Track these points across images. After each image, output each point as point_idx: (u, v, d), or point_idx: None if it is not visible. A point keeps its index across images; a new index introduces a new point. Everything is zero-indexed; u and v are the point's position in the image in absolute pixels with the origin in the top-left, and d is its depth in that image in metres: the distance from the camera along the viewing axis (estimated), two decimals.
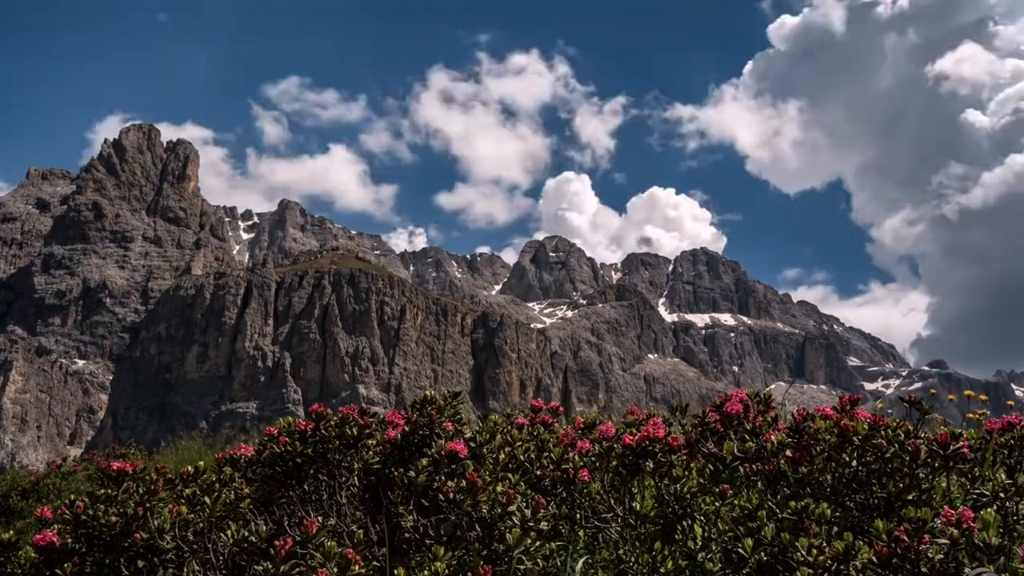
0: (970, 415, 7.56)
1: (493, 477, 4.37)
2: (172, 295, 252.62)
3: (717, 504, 4.32)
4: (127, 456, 18.27)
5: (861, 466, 4.22)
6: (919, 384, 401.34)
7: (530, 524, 4.11)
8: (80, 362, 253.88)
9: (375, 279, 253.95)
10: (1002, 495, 4.06)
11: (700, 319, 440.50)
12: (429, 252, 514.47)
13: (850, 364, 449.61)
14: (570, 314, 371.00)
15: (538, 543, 4.04)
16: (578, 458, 4.87)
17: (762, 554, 3.80)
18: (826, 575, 3.59)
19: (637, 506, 4.53)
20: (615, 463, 4.74)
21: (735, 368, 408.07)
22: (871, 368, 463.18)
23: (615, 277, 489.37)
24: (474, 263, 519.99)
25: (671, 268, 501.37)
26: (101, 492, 4.60)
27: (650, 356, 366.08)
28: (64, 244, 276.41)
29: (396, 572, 3.87)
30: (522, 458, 4.94)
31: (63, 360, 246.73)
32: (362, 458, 4.88)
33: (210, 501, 4.49)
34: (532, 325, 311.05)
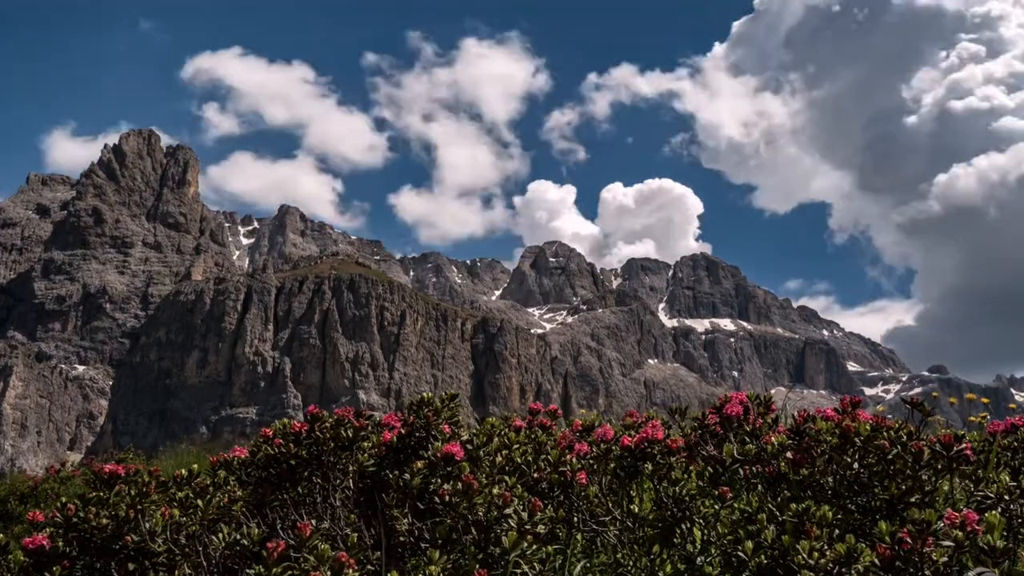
0: (972, 418, 7.51)
1: (489, 480, 4.31)
2: (172, 300, 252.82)
3: (717, 507, 4.26)
4: (126, 461, 18.21)
5: (863, 468, 4.17)
6: (919, 389, 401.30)
7: (527, 527, 4.05)
8: (80, 367, 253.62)
9: (375, 284, 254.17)
10: (1006, 497, 4.02)
11: (700, 324, 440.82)
12: (429, 257, 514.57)
13: (850, 369, 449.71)
14: (570, 319, 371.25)
15: (535, 546, 3.99)
16: (576, 460, 4.81)
17: (762, 557, 3.74)
18: None
19: (635, 509, 4.47)
20: (613, 465, 4.70)
21: (735, 373, 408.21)
22: (871, 373, 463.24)
23: (615, 282, 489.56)
24: (474, 268, 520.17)
25: (671, 273, 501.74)
26: (92, 495, 4.55)
27: (650, 361, 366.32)
28: (64, 249, 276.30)
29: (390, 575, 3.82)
30: (519, 461, 4.89)
31: (63, 365, 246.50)
32: (357, 460, 4.83)
33: (202, 504, 4.44)
34: (532, 330, 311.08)
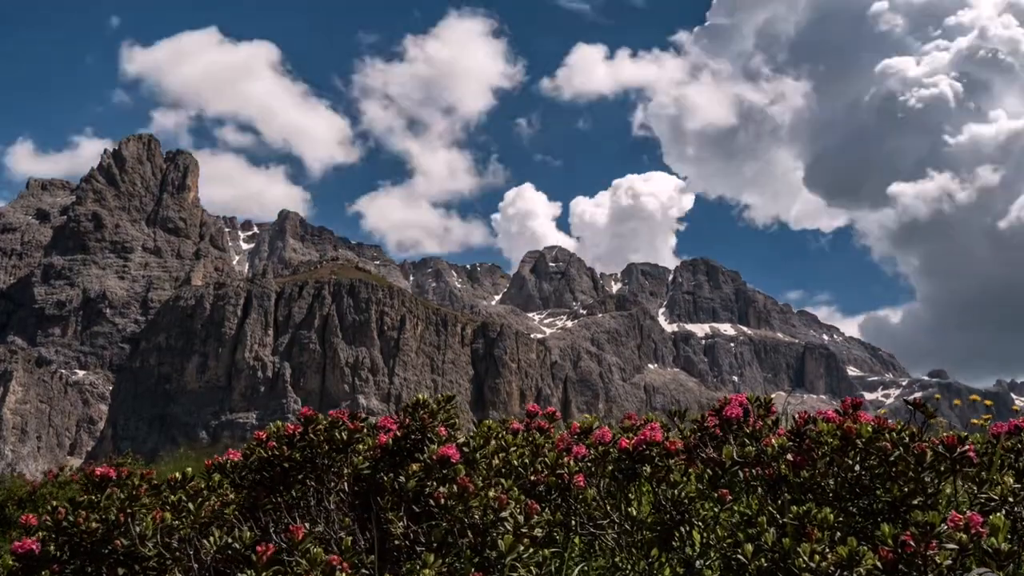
0: (974, 421, 7.46)
1: (485, 483, 4.26)
2: (172, 306, 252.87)
3: (716, 509, 4.20)
4: (124, 465, 18.18)
5: (864, 470, 4.11)
6: (919, 394, 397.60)
7: (523, 530, 3.99)
8: (80, 372, 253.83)
9: (375, 289, 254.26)
10: (1011, 500, 3.96)
11: (700, 329, 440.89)
12: (429, 262, 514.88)
13: (850, 374, 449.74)
14: (570, 324, 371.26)
15: (531, 550, 3.93)
16: (573, 463, 4.75)
17: (763, 560, 3.68)
18: None
19: (634, 512, 4.42)
20: (611, 468, 4.64)
21: (735, 378, 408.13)
22: (871, 378, 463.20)
23: (615, 287, 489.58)
24: (474, 273, 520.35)
25: (671, 278, 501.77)
26: (83, 498, 4.50)
27: (650, 366, 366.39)
28: (64, 255, 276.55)
29: None
30: (516, 463, 4.83)
31: (63, 371, 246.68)
32: (352, 463, 4.77)
33: (193, 507, 4.38)
34: (532, 335, 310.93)
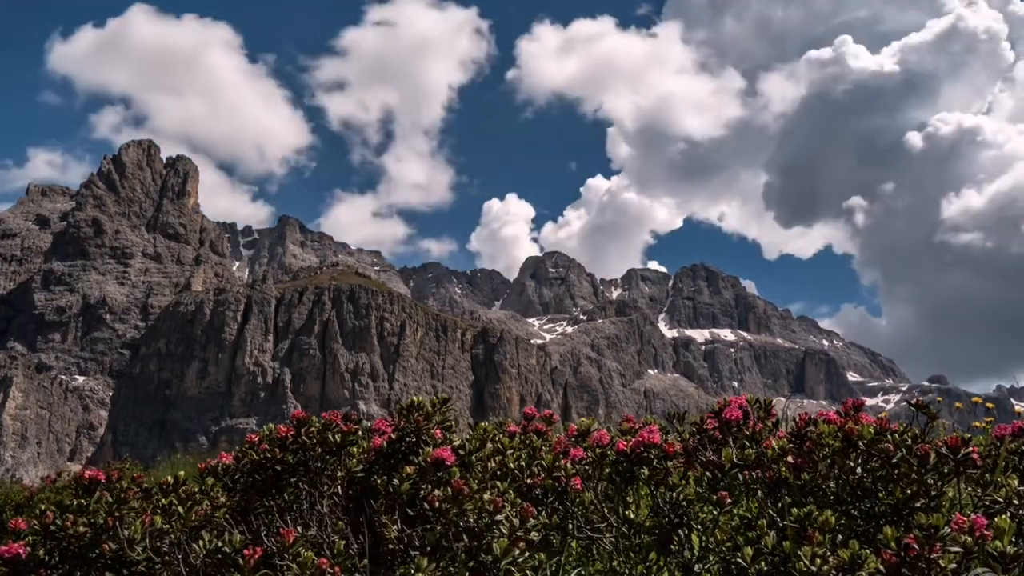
0: (976, 423, 7.39)
1: (481, 485, 4.18)
2: (172, 311, 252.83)
3: (715, 512, 4.13)
4: (122, 470, 18.07)
5: (866, 472, 4.04)
6: (920, 399, 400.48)
7: (519, 534, 3.92)
8: (80, 378, 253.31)
9: (375, 295, 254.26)
10: (1015, 502, 3.89)
11: (700, 334, 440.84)
12: (429, 268, 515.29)
13: (850, 379, 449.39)
14: (570, 330, 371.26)
15: (527, 554, 3.85)
16: (570, 466, 4.68)
17: (763, 564, 3.60)
18: None
19: (632, 515, 4.34)
20: (609, 470, 4.56)
21: (735, 383, 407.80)
22: (871, 383, 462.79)
23: (615, 293, 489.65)
24: (474, 279, 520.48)
25: (671, 283, 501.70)
26: (71, 502, 4.43)
27: (650, 371, 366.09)
28: (64, 260, 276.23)
29: None
30: (512, 466, 4.76)
31: (63, 376, 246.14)
32: (345, 466, 4.69)
33: (183, 511, 4.31)
34: (532, 341, 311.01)
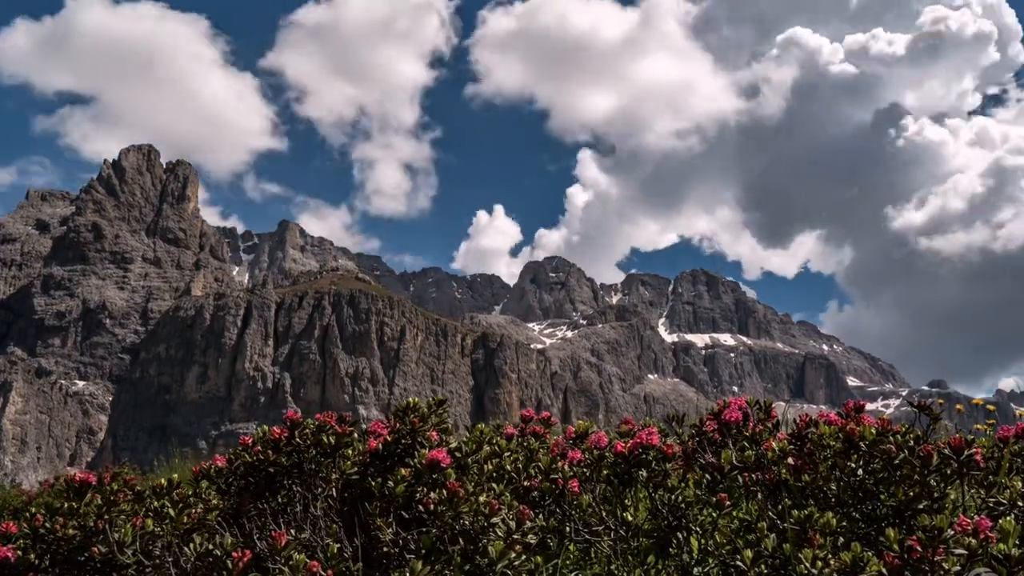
0: (978, 426, 7.35)
1: (477, 488, 4.12)
2: (172, 316, 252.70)
3: (714, 515, 4.07)
4: (114, 473, 17.97)
5: (868, 474, 3.97)
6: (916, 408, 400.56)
7: (515, 537, 3.85)
8: (80, 383, 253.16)
9: (375, 300, 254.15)
10: (1020, 504, 3.82)
11: (700, 339, 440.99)
12: (429, 273, 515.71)
13: (850, 384, 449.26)
14: (570, 334, 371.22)
15: (523, 557, 3.78)
16: (568, 468, 4.61)
17: (763, 567, 3.54)
18: None
19: (630, 517, 4.28)
20: (607, 472, 4.49)
21: (735, 388, 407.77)
22: (871, 388, 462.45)
23: (615, 297, 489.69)
24: (474, 284, 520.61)
25: (671, 288, 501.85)
26: (62, 505, 4.36)
27: (650, 376, 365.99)
28: (64, 265, 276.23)
29: None
30: (509, 468, 4.69)
31: (63, 381, 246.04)
32: (340, 468, 4.63)
33: (174, 513, 4.24)
34: (532, 345, 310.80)
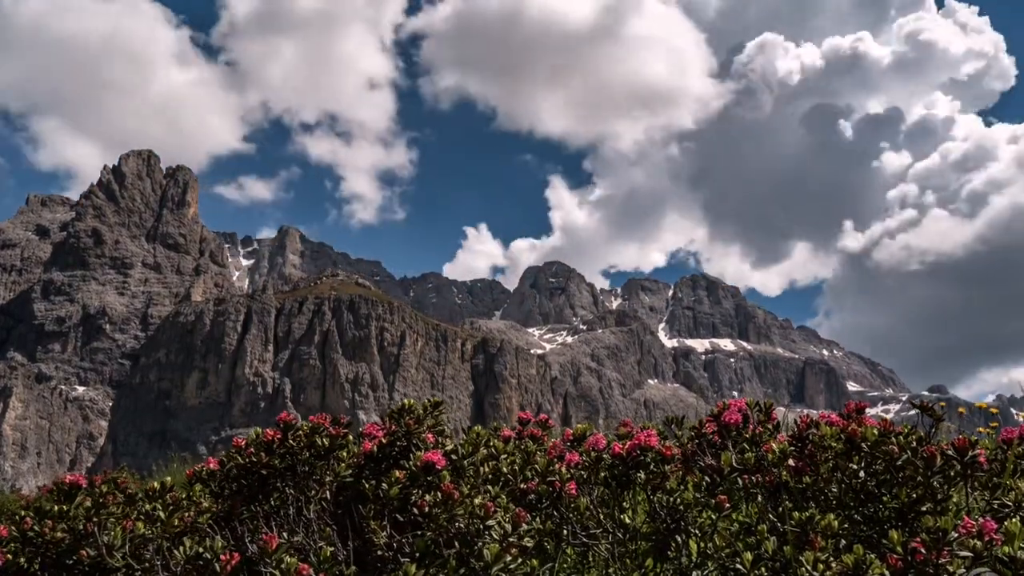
0: (981, 429, 7.30)
1: (472, 490, 4.05)
2: (172, 321, 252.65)
3: (714, 517, 4.00)
4: (105, 476, 17.93)
5: (869, 476, 3.90)
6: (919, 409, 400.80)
7: (511, 540, 3.78)
8: (80, 388, 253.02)
9: (375, 305, 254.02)
10: None
11: (700, 344, 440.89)
12: (429, 278, 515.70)
13: (850, 389, 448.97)
14: (570, 340, 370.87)
15: (519, 560, 3.71)
16: (565, 470, 4.54)
17: (763, 570, 3.47)
18: None
19: (628, 520, 4.21)
20: (604, 474, 4.42)
21: (735, 393, 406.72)
22: (871, 393, 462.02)
23: (615, 303, 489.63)
24: (474, 289, 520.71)
25: (671, 293, 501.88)
26: (50, 507, 4.30)
27: (650, 381, 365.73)
28: (64, 270, 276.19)
29: None
30: (506, 471, 4.62)
31: (63, 386, 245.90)
32: (334, 471, 4.56)
33: (164, 516, 4.17)
34: (532, 351, 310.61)
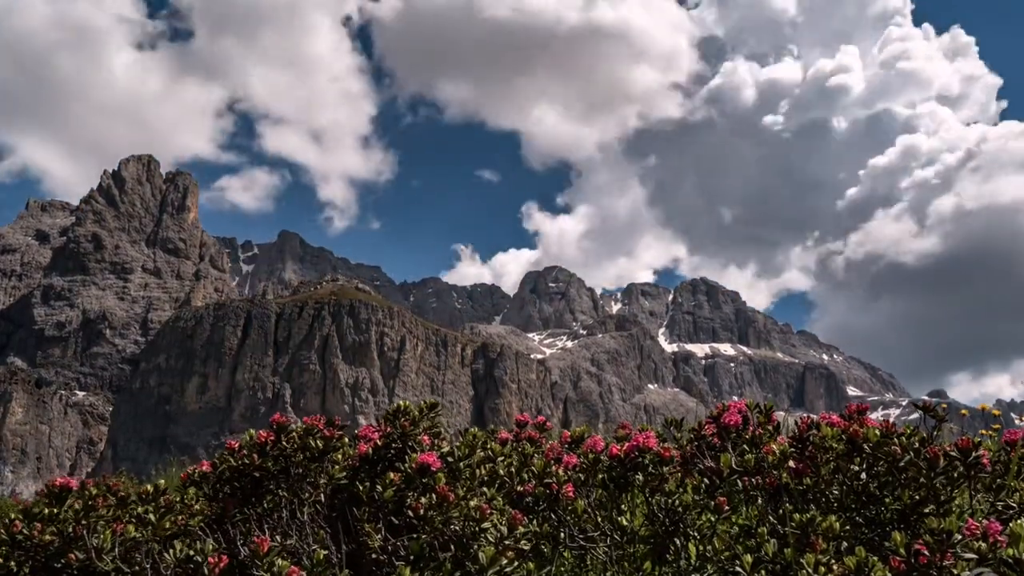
0: (983, 431, 7.23)
1: (468, 492, 3.99)
2: (172, 326, 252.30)
3: (713, 520, 3.93)
4: (104, 481, 17.87)
5: (871, 477, 3.84)
6: (919, 413, 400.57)
7: (507, 542, 3.71)
8: (80, 393, 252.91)
9: (375, 310, 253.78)
10: None
11: (700, 349, 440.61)
12: (429, 283, 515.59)
13: (850, 394, 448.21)
14: (570, 344, 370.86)
15: (515, 563, 3.65)
16: (563, 472, 4.47)
17: (763, 572, 3.42)
18: None
19: (626, 523, 4.14)
20: (602, 476, 4.36)
21: (735, 398, 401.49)
22: (871, 398, 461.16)
23: (615, 307, 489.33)
24: (474, 294, 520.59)
25: (671, 298, 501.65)
26: (40, 510, 4.23)
27: (650, 386, 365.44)
28: (63, 275, 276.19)
29: None
30: (503, 473, 4.56)
31: (63, 392, 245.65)
32: (328, 473, 4.49)
33: (155, 519, 4.11)
34: (532, 355, 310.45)
